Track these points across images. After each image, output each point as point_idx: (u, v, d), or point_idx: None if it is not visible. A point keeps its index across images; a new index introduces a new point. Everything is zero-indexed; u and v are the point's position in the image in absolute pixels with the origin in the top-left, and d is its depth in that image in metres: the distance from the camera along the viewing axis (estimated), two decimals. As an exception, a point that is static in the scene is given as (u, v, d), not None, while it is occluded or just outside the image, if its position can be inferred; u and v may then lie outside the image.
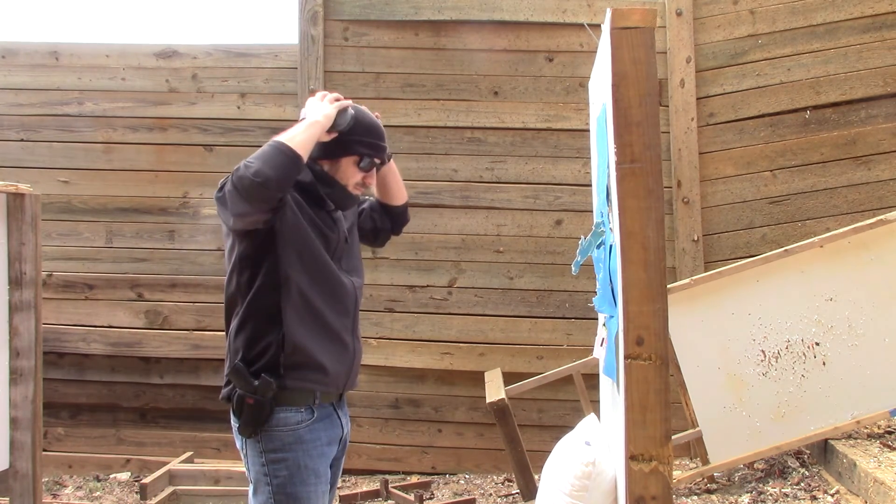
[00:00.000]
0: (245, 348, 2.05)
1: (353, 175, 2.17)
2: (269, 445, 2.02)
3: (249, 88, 4.85)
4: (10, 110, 4.90)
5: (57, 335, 4.72)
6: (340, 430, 2.17)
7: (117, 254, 4.83)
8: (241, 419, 2.03)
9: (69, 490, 4.52)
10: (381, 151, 2.21)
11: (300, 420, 2.04)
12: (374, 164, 2.19)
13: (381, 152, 2.21)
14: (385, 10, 4.78)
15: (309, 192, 2.12)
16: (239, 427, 2.04)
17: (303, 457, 2.03)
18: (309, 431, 2.05)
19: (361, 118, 2.17)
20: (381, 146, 2.20)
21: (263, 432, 2.02)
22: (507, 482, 4.49)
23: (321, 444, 2.08)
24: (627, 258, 1.62)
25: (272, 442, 2.02)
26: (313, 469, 2.05)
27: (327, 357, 2.07)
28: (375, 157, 2.19)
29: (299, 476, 2.03)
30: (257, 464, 2.04)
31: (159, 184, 4.84)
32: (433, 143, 4.75)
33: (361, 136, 2.15)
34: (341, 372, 2.12)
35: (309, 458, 2.04)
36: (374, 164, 2.19)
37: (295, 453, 2.03)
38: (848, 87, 4.54)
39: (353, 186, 2.18)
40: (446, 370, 4.65)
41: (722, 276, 3.56)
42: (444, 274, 4.71)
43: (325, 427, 2.10)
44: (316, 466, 2.06)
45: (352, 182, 2.17)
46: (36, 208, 3.34)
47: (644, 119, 1.61)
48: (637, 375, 1.61)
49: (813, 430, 3.47)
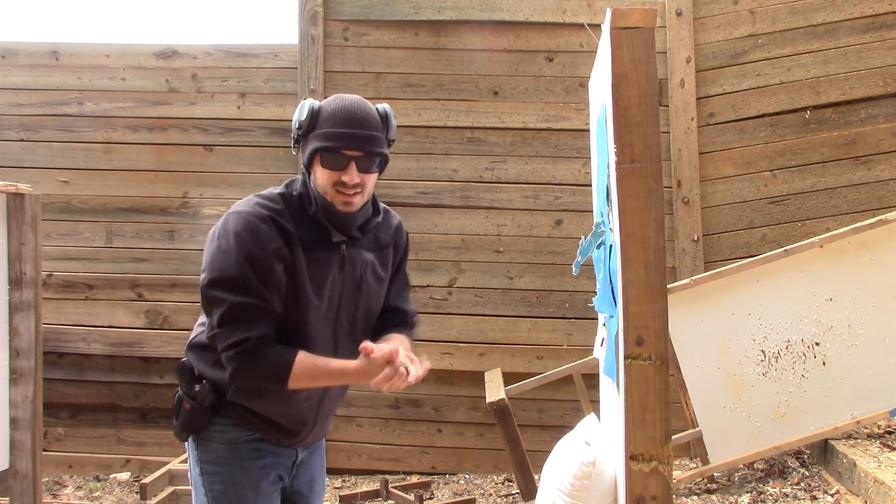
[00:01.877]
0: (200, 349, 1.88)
1: (325, 179, 1.76)
2: (204, 455, 1.85)
3: (249, 88, 4.85)
4: (10, 110, 4.90)
5: (57, 335, 4.72)
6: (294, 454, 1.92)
7: (117, 254, 4.83)
8: (177, 421, 1.86)
9: (69, 490, 4.52)
10: (345, 138, 1.73)
11: (237, 437, 1.83)
12: (346, 158, 1.74)
13: (343, 139, 1.73)
14: (385, 10, 4.78)
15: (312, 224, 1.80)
16: (174, 430, 1.88)
17: (239, 473, 1.83)
18: (249, 451, 1.84)
19: (324, 107, 1.79)
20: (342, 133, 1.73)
21: (200, 441, 1.85)
22: (507, 482, 4.49)
23: (264, 463, 1.86)
24: (627, 258, 1.62)
25: (207, 452, 1.84)
26: (251, 485, 1.83)
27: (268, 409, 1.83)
28: (342, 147, 1.73)
29: (234, 492, 1.83)
30: (195, 470, 1.88)
31: (159, 184, 4.84)
32: (433, 143, 4.75)
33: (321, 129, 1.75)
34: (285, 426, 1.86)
35: (246, 475, 1.83)
36: (344, 158, 1.74)
37: (230, 468, 1.83)
38: (848, 87, 4.53)
39: (332, 195, 1.76)
40: (446, 370, 4.64)
41: (722, 276, 3.57)
42: (444, 274, 4.71)
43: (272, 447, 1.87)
44: (255, 483, 1.84)
45: (328, 189, 1.76)
46: (36, 208, 3.34)
47: (644, 119, 1.61)
48: (637, 375, 1.60)
49: (813, 430, 3.47)
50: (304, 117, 1.77)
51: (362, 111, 1.79)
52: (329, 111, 1.78)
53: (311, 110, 1.78)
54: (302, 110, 1.79)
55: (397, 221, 2.03)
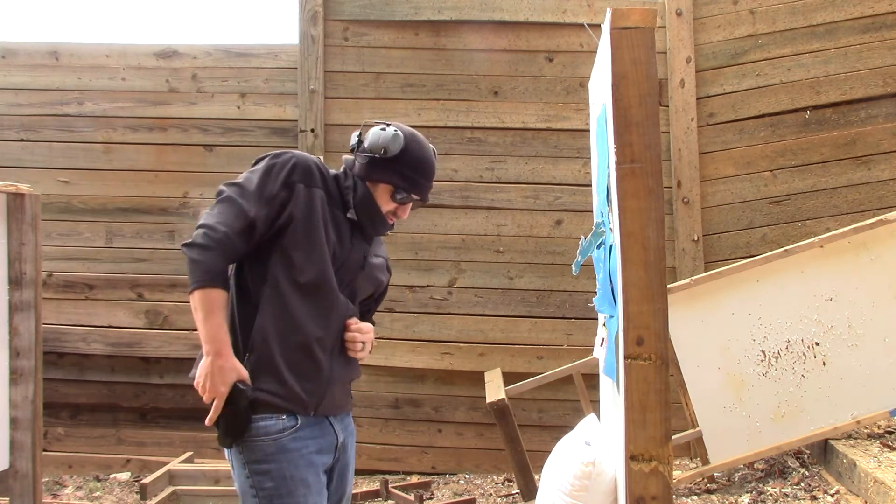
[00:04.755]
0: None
1: (385, 203, 2.04)
2: (251, 456, 1.90)
3: (249, 88, 4.85)
4: (10, 110, 4.90)
5: (57, 335, 4.72)
6: (334, 437, 2.02)
7: (117, 254, 4.83)
8: (218, 430, 1.91)
9: (69, 490, 4.52)
10: (422, 189, 2.06)
11: (282, 428, 1.90)
12: (411, 200, 2.06)
13: (421, 190, 2.06)
14: (385, 10, 4.78)
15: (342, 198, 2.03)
16: (218, 437, 1.93)
17: (288, 467, 1.89)
18: (293, 440, 1.91)
19: (412, 148, 2.04)
20: (422, 184, 2.06)
21: (244, 443, 1.90)
22: (507, 482, 4.49)
23: (309, 453, 1.93)
24: (627, 258, 1.62)
25: (254, 453, 1.89)
26: (301, 479, 1.90)
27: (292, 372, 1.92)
28: (413, 192, 2.05)
29: (286, 487, 1.89)
30: (241, 476, 1.92)
31: (159, 184, 4.84)
32: (433, 143, 4.71)
33: (404, 168, 2.02)
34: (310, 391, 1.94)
35: (295, 467, 1.90)
36: (409, 199, 2.05)
37: (279, 464, 1.89)
38: (848, 87, 4.54)
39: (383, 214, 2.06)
40: (446, 370, 4.65)
41: (722, 276, 3.56)
42: (444, 274, 4.71)
43: (313, 434, 1.96)
44: (304, 476, 1.91)
45: (384, 209, 2.05)
46: (36, 208, 3.34)
47: (644, 119, 1.61)
48: (637, 375, 1.60)
49: (813, 430, 3.47)
50: (395, 148, 2.00)
51: (434, 165, 2.10)
52: (416, 157, 2.04)
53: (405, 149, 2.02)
54: (396, 141, 2.01)
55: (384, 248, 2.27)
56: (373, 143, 2.02)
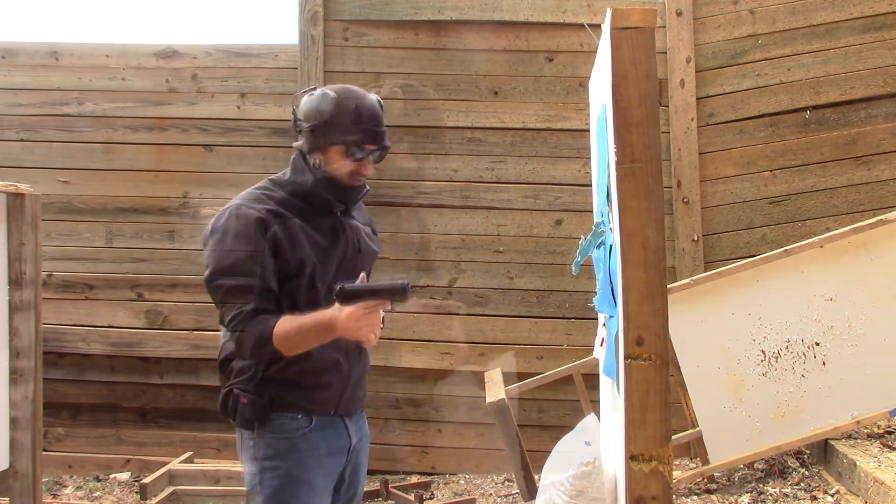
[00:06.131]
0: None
1: (342, 166, 1.95)
2: (262, 452, 1.92)
3: (249, 88, 4.85)
4: (10, 110, 4.90)
5: (57, 335, 4.72)
6: (347, 440, 2.02)
7: (117, 254, 4.83)
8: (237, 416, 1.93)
9: (69, 490, 4.52)
10: (373, 137, 1.94)
11: (296, 427, 1.92)
12: (367, 152, 1.95)
13: (372, 138, 1.94)
14: (385, 10, 4.78)
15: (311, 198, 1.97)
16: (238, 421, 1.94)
17: (295, 467, 1.91)
18: (305, 440, 1.92)
19: (346, 101, 1.93)
20: (371, 131, 1.94)
21: (259, 437, 1.93)
22: (507, 482, 4.49)
23: (319, 455, 1.94)
24: (627, 258, 1.62)
25: (266, 449, 1.92)
26: (307, 481, 1.92)
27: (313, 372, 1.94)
28: (366, 143, 1.94)
29: (291, 487, 1.90)
30: (251, 471, 1.94)
31: (159, 184, 4.84)
32: (433, 143, 4.75)
33: (346, 122, 1.91)
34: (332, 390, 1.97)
35: (303, 468, 1.91)
36: (365, 152, 1.95)
37: (287, 462, 1.91)
38: (848, 87, 4.54)
39: (348, 177, 1.97)
40: (446, 370, 4.65)
41: (722, 276, 3.57)
42: (444, 274, 4.71)
43: (326, 437, 1.97)
44: (311, 479, 1.92)
45: (344, 173, 1.96)
46: (36, 208, 3.34)
47: (644, 119, 1.61)
48: (637, 375, 1.60)
49: (813, 430, 3.47)
50: (328, 108, 1.91)
51: (378, 109, 1.98)
52: (352, 108, 1.92)
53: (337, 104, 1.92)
54: (325, 101, 1.92)
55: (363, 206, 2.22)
56: (306, 111, 1.96)
